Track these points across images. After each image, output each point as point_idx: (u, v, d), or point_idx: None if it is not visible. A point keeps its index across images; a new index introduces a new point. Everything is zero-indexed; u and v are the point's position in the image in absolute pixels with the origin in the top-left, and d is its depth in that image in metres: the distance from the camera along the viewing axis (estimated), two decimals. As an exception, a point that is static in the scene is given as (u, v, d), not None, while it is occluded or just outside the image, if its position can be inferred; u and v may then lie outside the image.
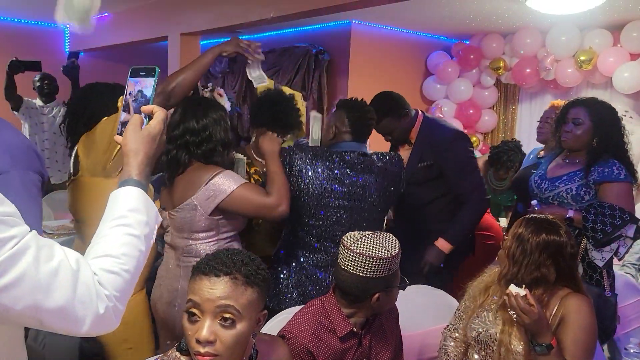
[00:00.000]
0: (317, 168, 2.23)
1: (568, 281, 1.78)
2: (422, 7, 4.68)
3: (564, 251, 1.74)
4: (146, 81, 1.21)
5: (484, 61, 5.75)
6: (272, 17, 3.63)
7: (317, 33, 5.81)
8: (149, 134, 1.14)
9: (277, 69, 6.02)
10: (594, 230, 2.35)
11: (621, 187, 2.39)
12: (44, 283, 0.86)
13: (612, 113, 2.49)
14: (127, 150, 1.12)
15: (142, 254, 1.03)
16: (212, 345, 1.18)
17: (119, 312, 0.97)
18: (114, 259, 0.97)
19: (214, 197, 1.93)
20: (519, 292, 1.65)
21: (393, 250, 1.62)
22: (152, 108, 1.17)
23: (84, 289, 0.90)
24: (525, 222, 1.80)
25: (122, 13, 5.76)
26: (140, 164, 1.11)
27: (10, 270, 0.83)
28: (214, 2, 4.41)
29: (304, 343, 1.62)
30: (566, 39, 5.01)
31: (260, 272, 1.26)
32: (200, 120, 2.00)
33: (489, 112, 6.02)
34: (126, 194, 1.07)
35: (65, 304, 0.88)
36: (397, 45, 5.94)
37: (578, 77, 5.11)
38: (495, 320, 1.81)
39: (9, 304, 0.84)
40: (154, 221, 1.10)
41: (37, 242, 0.88)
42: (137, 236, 1.03)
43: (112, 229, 1.02)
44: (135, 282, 1.02)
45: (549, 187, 2.57)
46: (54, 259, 0.88)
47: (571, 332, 1.69)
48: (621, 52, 4.80)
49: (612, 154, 2.43)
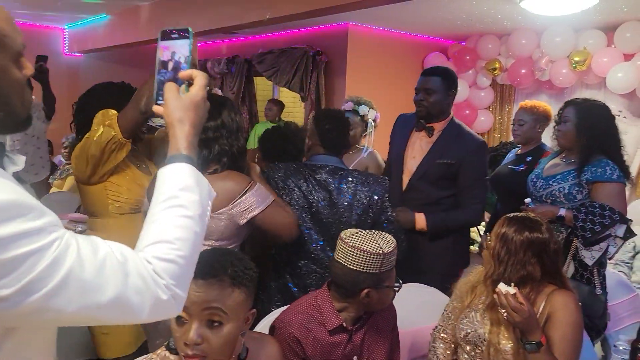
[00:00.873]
0: (290, 185, 2.23)
1: (553, 277, 1.80)
2: (419, 9, 4.71)
3: (547, 248, 1.76)
4: (180, 44, 1.07)
5: (480, 62, 5.79)
6: (268, 18, 3.66)
7: (315, 34, 5.85)
8: (191, 102, 1.04)
9: (275, 69, 6.05)
10: (584, 230, 2.38)
11: (613, 187, 2.43)
12: (91, 280, 0.83)
13: (601, 111, 2.54)
14: (170, 121, 1.03)
15: (198, 235, 0.96)
16: (200, 347, 1.19)
17: (179, 299, 0.92)
18: (168, 245, 0.91)
19: (249, 209, 1.85)
20: (508, 290, 1.66)
21: (387, 248, 1.65)
22: (190, 73, 1.06)
23: (137, 279, 0.86)
24: (508, 221, 1.81)
25: (120, 15, 5.80)
26: (187, 136, 1.02)
27: (57, 273, 0.80)
28: (211, 4, 4.44)
29: (293, 332, 1.66)
30: (561, 39, 5.04)
31: (247, 272, 1.27)
32: (234, 119, 1.89)
33: (485, 113, 6.05)
34: (176, 171, 0.98)
35: (117, 297, 0.85)
36: (394, 47, 5.98)
37: (572, 78, 5.14)
38: (483, 320, 1.83)
39: (61, 307, 0.81)
40: (207, 198, 1.01)
41: (78, 240, 0.85)
42: (191, 217, 0.95)
43: (163, 211, 0.95)
44: (193, 265, 0.96)
45: (543, 185, 2.62)
46: (99, 254, 0.85)
47: (559, 329, 1.71)
48: (615, 53, 4.84)
49: (603, 153, 2.47)
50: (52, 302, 0.81)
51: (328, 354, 1.70)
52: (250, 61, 6.54)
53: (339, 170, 2.25)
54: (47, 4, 5.55)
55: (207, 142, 1.84)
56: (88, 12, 5.95)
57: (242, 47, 6.78)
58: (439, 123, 2.70)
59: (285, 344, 1.65)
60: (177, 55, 1.07)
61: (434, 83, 2.66)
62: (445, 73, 2.73)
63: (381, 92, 5.74)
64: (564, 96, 5.39)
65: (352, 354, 1.75)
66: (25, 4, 5.64)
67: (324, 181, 2.22)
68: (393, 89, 5.71)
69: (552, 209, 2.51)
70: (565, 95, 5.38)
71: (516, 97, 5.95)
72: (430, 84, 2.67)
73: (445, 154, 2.63)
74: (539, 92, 5.68)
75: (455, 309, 1.94)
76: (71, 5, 5.65)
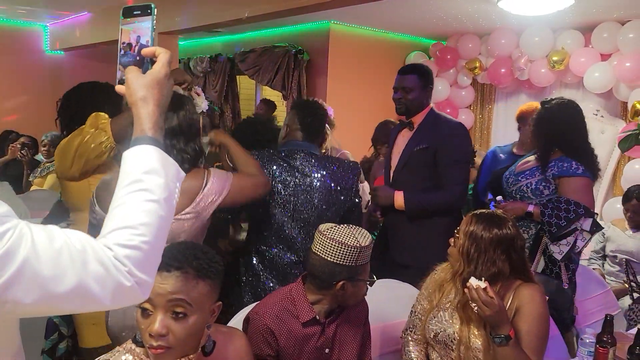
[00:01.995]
0: (269, 170, 2.27)
1: (520, 272, 1.82)
2: (400, 8, 4.75)
3: (515, 244, 1.78)
4: (141, 23, 1.04)
5: (461, 61, 5.84)
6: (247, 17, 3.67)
7: (297, 33, 5.86)
8: (153, 79, 1.00)
9: (257, 68, 6.06)
10: (550, 225, 2.42)
11: (579, 181, 2.46)
12: (48, 270, 0.80)
13: (565, 110, 2.59)
14: (133, 101, 0.99)
15: (163, 219, 0.93)
16: (165, 338, 1.20)
17: (145, 284, 0.89)
18: (131, 230, 0.89)
19: (213, 200, 1.85)
20: (479, 284, 1.68)
21: (363, 241, 1.68)
22: (154, 50, 1.02)
23: (96, 266, 0.84)
24: (475, 219, 1.82)
25: (101, 12, 5.77)
26: (151, 115, 0.98)
27: (11, 264, 0.78)
28: (192, 2, 4.44)
29: (267, 323, 1.69)
30: (539, 39, 5.11)
31: (213, 265, 1.28)
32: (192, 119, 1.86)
33: (465, 112, 6.10)
34: (140, 154, 0.95)
35: (77, 286, 0.82)
36: (376, 46, 6.01)
37: (551, 77, 5.21)
38: (452, 319, 1.84)
39: (18, 298, 0.79)
40: (174, 181, 0.98)
41: (32, 230, 0.82)
42: (156, 201, 0.92)
43: (127, 195, 0.92)
44: (160, 250, 0.94)
45: (513, 181, 2.67)
46: (55, 243, 0.83)
47: (525, 322, 1.74)
48: (592, 53, 4.91)
49: (562, 150, 2.52)
50: (8, 293, 0.79)
51: (300, 345, 1.73)
52: (233, 60, 6.54)
53: (313, 155, 2.31)
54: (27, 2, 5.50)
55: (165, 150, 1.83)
56: (69, 9, 5.91)
57: (225, 46, 6.78)
58: (418, 115, 2.78)
59: (259, 335, 1.69)
60: (140, 34, 1.03)
61: (411, 81, 2.74)
62: (421, 70, 2.79)
63: (363, 91, 5.79)
64: (543, 95, 5.45)
65: (324, 347, 1.77)
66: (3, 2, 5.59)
67: (299, 165, 2.28)
68: (374, 87, 5.75)
69: (521, 205, 2.54)
70: (544, 94, 5.45)
71: (496, 96, 6.02)
72: (407, 82, 2.74)
73: (421, 141, 2.71)
74: (518, 92, 5.74)
75: (423, 309, 1.94)
76: (52, 3, 5.61)
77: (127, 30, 1.04)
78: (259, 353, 1.69)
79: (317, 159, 2.32)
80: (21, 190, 4.54)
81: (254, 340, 1.69)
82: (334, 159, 2.37)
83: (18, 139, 5.08)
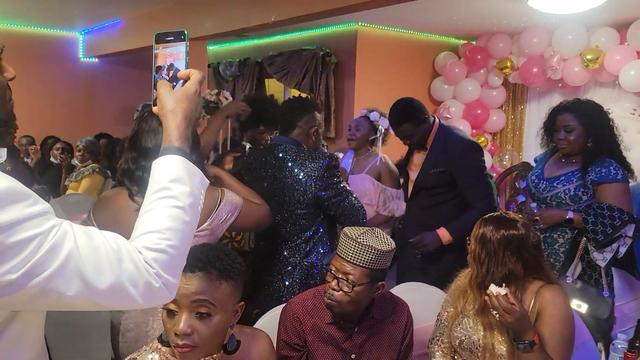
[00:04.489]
0: (258, 166, 2.47)
1: (536, 272, 1.79)
2: (428, 8, 4.71)
3: (525, 244, 1.75)
4: (175, 47, 1.10)
5: (491, 61, 5.74)
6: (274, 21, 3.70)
7: (324, 36, 5.87)
8: (182, 93, 1.08)
9: (285, 71, 6.10)
10: (595, 232, 2.36)
11: (619, 187, 2.42)
12: (88, 264, 0.87)
13: (599, 112, 2.53)
14: (163, 113, 1.07)
15: (188, 224, 1.00)
16: (190, 337, 1.24)
17: (171, 285, 0.95)
18: (158, 235, 0.95)
19: (226, 219, 1.86)
20: (499, 291, 1.65)
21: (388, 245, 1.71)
22: (188, 72, 1.10)
23: (130, 265, 0.90)
24: (484, 222, 1.82)
25: (133, 20, 5.91)
26: (179, 126, 1.06)
27: (57, 256, 0.84)
28: (220, 8, 4.51)
29: (296, 311, 1.78)
30: (572, 37, 4.99)
31: (235, 266, 1.32)
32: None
33: (497, 112, 6.01)
34: (167, 164, 1.02)
35: (114, 282, 0.89)
36: (404, 47, 5.97)
37: (585, 76, 5.08)
38: (476, 326, 1.82)
39: (61, 290, 0.85)
40: (199, 188, 1.05)
41: (73, 228, 0.89)
42: (182, 207, 0.99)
43: (154, 202, 0.99)
44: (185, 253, 1.00)
45: (547, 187, 2.60)
46: (94, 241, 0.90)
47: (548, 326, 1.71)
48: (628, 51, 4.77)
49: (606, 153, 2.46)
50: (52, 284, 0.85)
51: (325, 342, 1.78)
52: (262, 63, 6.60)
53: (290, 148, 2.41)
54: (63, 11, 5.67)
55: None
56: (103, 17, 6.07)
57: (253, 50, 6.84)
58: (429, 137, 2.85)
59: (289, 322, 1.78)
60: (174, 58, 1.09)
61: (406, 130, 2.81)
62: (408, 113, 2.81)
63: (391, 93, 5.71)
64: (577, 95, 5.32)
65: (349, 351, 1.78)
66: (42, 12, 5.78)
67: (281, 159, 2.38)
68: (403, 89, 5.69)
69: (560, 213, 2.50)
70: (578, 93, 5.32)
71: (529, 96, 5.91)
72: (404, 132, 2.83)
73: (437, 163, 2.79)
74: (551, 91, 5.62)
75: (449, 316, 1.93)
76: (86, 12, 5.77)
77: (161, 54, 1.10)
78: (288, 341, 1.77)
79: (294, 149, 2.40)
80: (58, 194, 4.67)
81: (285, 326, 1.78)
82: (306, 150, 2.42)
83: (54, 144, 5.24)
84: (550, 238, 2.58)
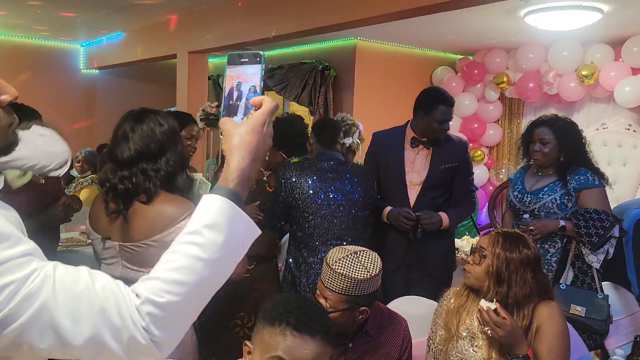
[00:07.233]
0: (301, 181, 2.51)
1: (543, 292, 1.80)
2: (426, 24, 4.76)
3: (540, 264, 1.78)
4: (248, 69, 0.98)
5: (488, 76, 5.81)
6: (274, 35, 3.75)
7: (323, 50, 5.93)
8: (249, 126, 0.94)
9: (284, 84, 6.15)
10: (589, 235, 2.51)
11: (599, 192, 2.63)
12: (66, 313, 0.79)
13: (573, 129, 2.73)
14: (226, 148, 0.94)
15: (206, 279, 0.87)
16: None
17: (164, 344, 0.85)
18: (164, 286, 0.85)
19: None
20: (489, 306, 1.66)
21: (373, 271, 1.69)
22: (261, 100, 0.97)
23: (114, 317, 0.82)
24: (501, 238, 1.78)
25: (134, 32, 5.96)
26: (239, 164, 0.92)
27: (30, 305, 0.77)
28: (220, 21, 4.56)
29: None
30: (568, 53, 5.05)
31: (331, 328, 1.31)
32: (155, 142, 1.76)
33: (493, 126, 6.06)
34: (209, 204, 0.90)
35: (92, 334, 0.81)
36: (402, 61, 6.03)
37: (581, 91, 5.14)
38: (473, 347, 1.79)
39: (33, 342, 0.79)
40: (240, 239, 0.91)
41: (56, 272, 0.81)
42: (204, 260, 0.86)
43: (179, 245, 0.89)
44: (193, 310, 0.89)
45: (533, 199, 2.73)
46: (77, 286, 0.81)
47: (546, 341, 1.72)
48: (622, 67, 4.83)
49: (578, 164, 2.66)
50: (24, 336, 0.78)
51: None
52: (261, 76, 6.64)
53: (342, 162, 2.57)
54: (64, 23, 5.73)
55: (135, 174, 1.72)
56: (104, 29, 6.12)
57: (253, 63, 6.89)
58: None
59: None
60: (246, 80, 0.98)
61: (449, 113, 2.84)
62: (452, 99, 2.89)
63: (389, 106, 5.80)
64: (573, 109, 5.39)
65: None
66: (43, 24, 5.83)
67: (332, 172, 2.53)
68: (401, 103, 5.74)
69: (553, 222, 2.63)
70: (574, 108, 5.38)
71: (525, 111, 5.96)
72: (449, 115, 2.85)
73: (445, 159, 2.83)
74: (547, 106, 5.67)
75: (441, 339, 1.88)
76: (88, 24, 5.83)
77: (232, 75, 0.99)
78: None
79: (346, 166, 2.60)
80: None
81: None
82: (360, 167, 2.66)
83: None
84: (542, 249, 2.67)
